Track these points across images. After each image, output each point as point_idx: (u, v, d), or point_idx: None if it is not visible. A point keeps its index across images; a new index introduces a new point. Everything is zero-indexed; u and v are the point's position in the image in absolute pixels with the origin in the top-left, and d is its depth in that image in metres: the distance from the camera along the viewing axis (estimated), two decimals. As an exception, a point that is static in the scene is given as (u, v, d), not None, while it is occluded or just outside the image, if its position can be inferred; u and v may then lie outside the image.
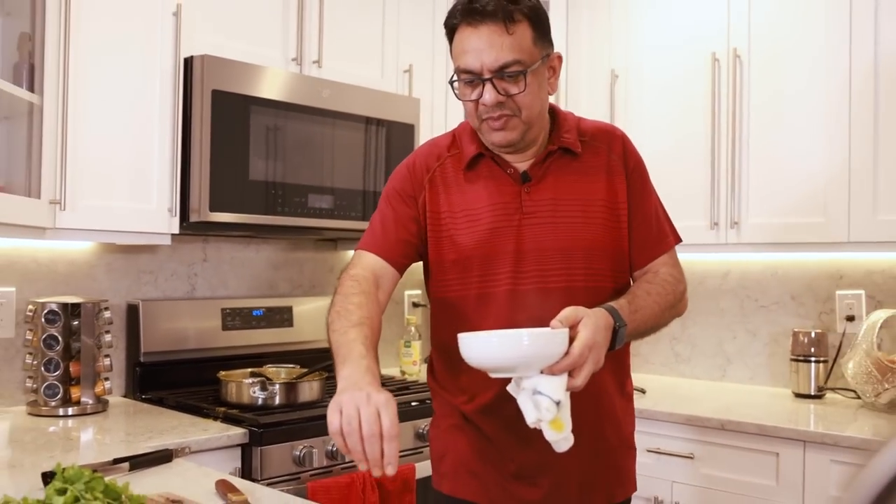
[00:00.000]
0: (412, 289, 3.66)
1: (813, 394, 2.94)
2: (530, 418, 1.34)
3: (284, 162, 2.73)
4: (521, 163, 1.69)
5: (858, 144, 2.72)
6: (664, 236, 1.77)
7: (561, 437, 1.34)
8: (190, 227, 2.62)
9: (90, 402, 2.50)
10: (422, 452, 2.65)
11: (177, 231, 2.57)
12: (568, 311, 1.40)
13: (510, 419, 1.51)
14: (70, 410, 2.46)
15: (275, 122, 2.71)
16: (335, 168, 2.87)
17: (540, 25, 1.59)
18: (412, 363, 3.36)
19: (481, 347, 1.37)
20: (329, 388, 2.76)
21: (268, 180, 2.69)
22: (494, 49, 1.53)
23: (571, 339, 1.36)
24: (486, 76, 1.54)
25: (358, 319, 1.54)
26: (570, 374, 1.35)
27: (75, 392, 2.47)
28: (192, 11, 2.61)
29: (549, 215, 1.65)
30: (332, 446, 2.40)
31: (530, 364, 1.33)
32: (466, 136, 1.72)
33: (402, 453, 2.53)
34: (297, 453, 2.34)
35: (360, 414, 1.28)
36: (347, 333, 1.51)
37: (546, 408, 1.32)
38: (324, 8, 2.94)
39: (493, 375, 1.40)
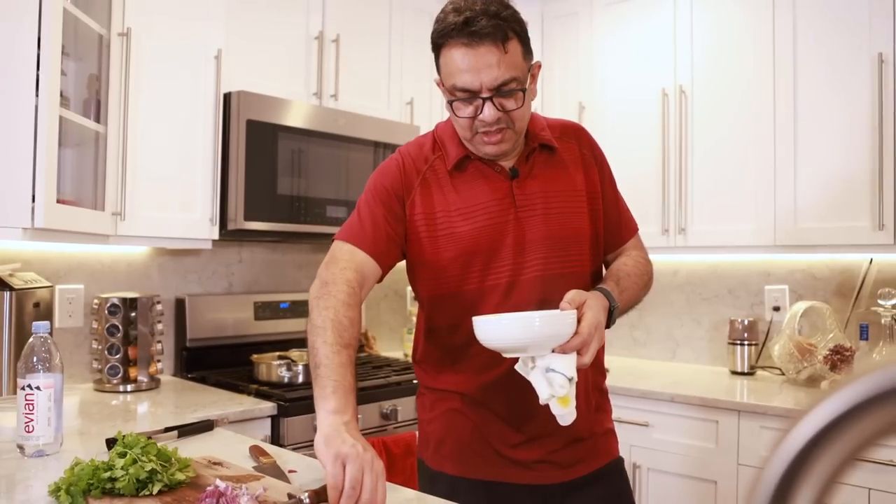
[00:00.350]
0: (413, 285, 3.66)
1: (746, 371, 2.96)
2: (543, 394, 1.24)
3: (307, 179, 2.74)
4: (506, 161, 1.52)
5: (782, 164, 2.74)
6: (630, 221, 1.67)
7: (566, 412, 1.25)
8: (228, 234, 2.63)
9: (145, 380, 2.51)
10: (421, 421, 2.66)
11: (217, 237, 2.58)
12: (573, 294, 1.30)
13: (513, 395, 1.46)
14: (129, 387, 2.47)
15: (298, 146, 2.72)
16: (349, 184, 2.88)
17: (525, 38, 1.42)
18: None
19: (497, 329, 1.27)
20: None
21: (293, 194, 2.70)
22: (493, 69, 1.35)
23: (579, 320, 1.27)
24: (486, 95, 1.37)
25: (349, 339, 1.33)
26: (579, 353, 1.26)
27: (133, 372, 2.48)
28: (231, 55, 2.62)
29: (541, 207, 1.50)
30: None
31: (543, 344, 1.24)
32: (448, 139, 1.52)
33: (404, 422, 2.57)
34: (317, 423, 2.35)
35: (364, 480, 1.13)
36: (340, 354, 1.30)
37: (560, 384, 1.23)
38: (340, 51, 2.95)
39: (506, 355, 1.30)
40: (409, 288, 3.65)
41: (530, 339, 1.23)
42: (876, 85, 2.56)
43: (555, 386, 1.23)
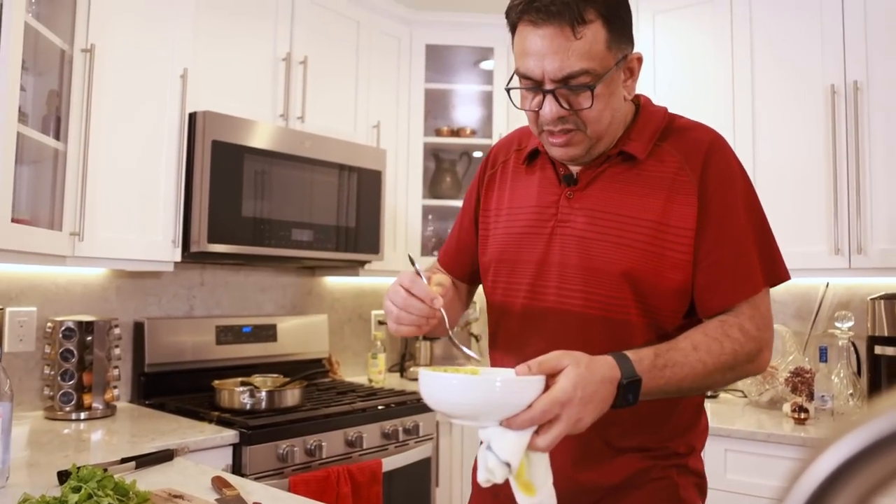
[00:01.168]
0: (378, 309, 3.61)
1: (709, 395, 2.95)
2: (479, 476, 0.98)
3: (272, 201, 2.68)
4: (579, 165, 1.26)
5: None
6: (748, 278, 1.18)
7: (533, 502, 0.97)
8: (190, 256, 2.54)
9: (100, 407, 2.39)
10: (387, 449, 2.59)
11: (179, 259, 2.49)
12: (551, 356, 1.00)
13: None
14: (82, 415, 2.35)
15: (264, 168, 2.65)
16: (314, 207, 2.82)
17: (616, 24, 1.14)
18: (378, 372, 3.30)
19: (433, 387, 1.00)
20: (308, 395, 2.70)
21: (257, 216, 2.63)
22: (559, 56, 1.11)
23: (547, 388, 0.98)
24: (548, 87, 1.14)
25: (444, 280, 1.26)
26: (537, 432, 0.96)
27: (87, 399, 2.36)
28: (197, 74, 2.55)
29: (583, 228, 1.21)
30: (311, 445, 2.34)
31: (485, 413, 0.97)
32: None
33: (369, 450, 2.50)
34: (281, 451, 2.27)
35: (391, 299, 1.15)
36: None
37: (490, 469, 0.96)
38: (307, 73, 2.91)
39: (454, 422, 1.07)
40: (374, 312, 3.60)
41: (467, 406, 0.97)
42: (829, 114, 2.60)
43: (489, 468, 0.96)
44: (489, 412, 0.96)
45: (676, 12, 2.98)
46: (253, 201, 2.61)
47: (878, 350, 2.42)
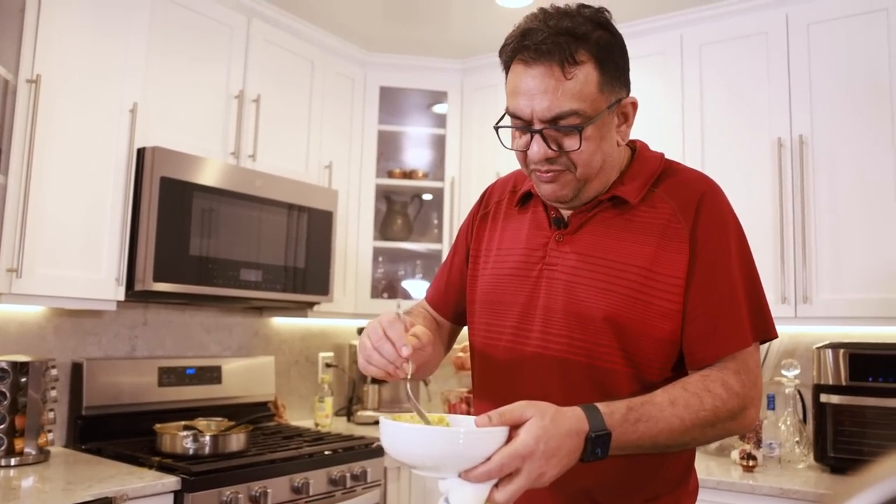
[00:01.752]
0: (326, 351, 3.54)
1: (658, 442, 2.95)
2: None
3: (220, 240, 2.61)
4: (570, 208, 1.24)
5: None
6: (736, 332, 1.14)
7: None
8: (134, 295, 2.45)
9: (33, 452, 2.26)
10: (334, 496, 2.51)
11: (122, 298, 2.40)
12: (515, 406, 0.96)
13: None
14: (13, 461, 2.21)
15: (213, 206, 2.60)
16: (263, 246, 2.76)
17: (609, 66, 1.13)
18: (325, 416, 3.22)
19: (394, 437, 0.98)
20: (254, 440, 2.61)
21: (205, 255, 2.56)
22: (548, 96, 1.09)
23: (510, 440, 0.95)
24: (537, 126, 1.12)
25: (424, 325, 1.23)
26: (497, 485, 0.94)
27: (19, 443, 2.24)
28: (147, 109, 2.49)
29: (570, 272, 1.18)
30: (257, 492, 2.25)
31: (445, 464, 0.94)
32: None
33: (316, 496, 2.42)
34: (225, 498, 2.17)
35: (368, 334, 1.10)
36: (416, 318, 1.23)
37: None
38: (260, 112, 2.87)
39: (414, 472, 1.01)
40: (321, 355, 3.53)
41: (427, 456, 0.95)
42: (776, 166, 2.68)
43: None
44: (449, 463, 0.94)
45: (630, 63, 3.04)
46: (201, 240, 2.55)
47: (824, 398, 2.46)
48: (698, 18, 2.90)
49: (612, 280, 1.16)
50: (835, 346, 2.47)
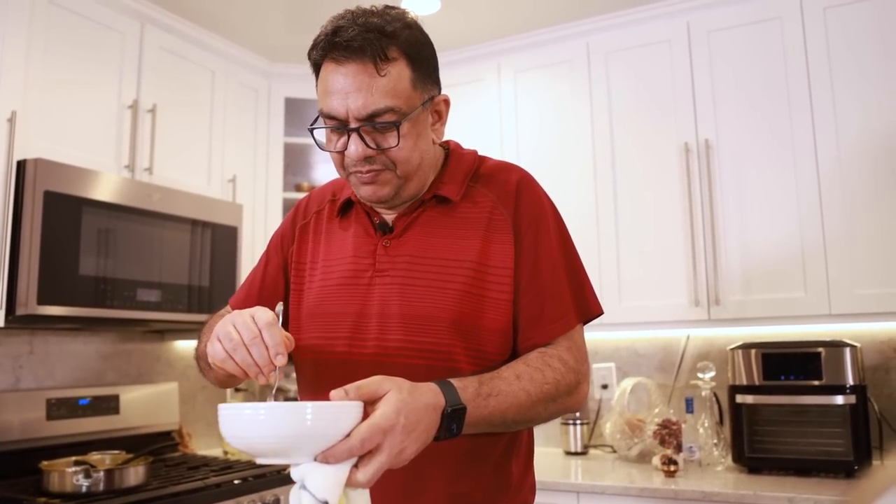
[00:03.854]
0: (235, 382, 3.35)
1: (579, 451, 2.91)
2: None
3: (115, 258, 2.42)
4: (392, 213, 1.23)
5: (606, 242, 2.80)
6: (562, 314, 1.17)
7: None
8: (16, 320, 2.23)
9: None
10: (245, 527, 2.35)
11: (2, 324, 2.18)
12: (370, 380, 0.91)
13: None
14: None
15: (106, 222, 2.41)
16: (163, 264, 2.58)
17: (421, 64, 1.14)
18: (234, 442, 3.04)
19: (234, 422, 0.87)
20: (155, 472, 2.41)
21: (98, 275, 2.37)
22: (362, 93, 1.08)
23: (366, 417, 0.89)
24: (353, 125, 1.10)
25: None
26: (356, 465, 0.87)
27: None
28: (28, 118, 2.29)
29: (402, 276, 1.17)
30: (158, 528, 2.07)
31: (297, 446, 0.84)
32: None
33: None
34: (122, 538, 1.99)
35: (236, 326, 0.99)
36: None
37: None
38: (156, 122, 2.70)
39: (259, 461, 0.90)
40: (230, 378, 3.34)
41: (274, 438, 0.84)
42: (684, 171, 2.69)
43: None
44: (301, 445, 0.84)
45: (537, 71, 3.03)
46: (93, 258, 2.35)
47: (739, 399, 2.47)
48: (603, 27, 2.91)
49: (445, 278, 1.16)
50: (747, 347, 2.49)
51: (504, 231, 1.19)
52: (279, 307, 1.05)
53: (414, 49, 1.13)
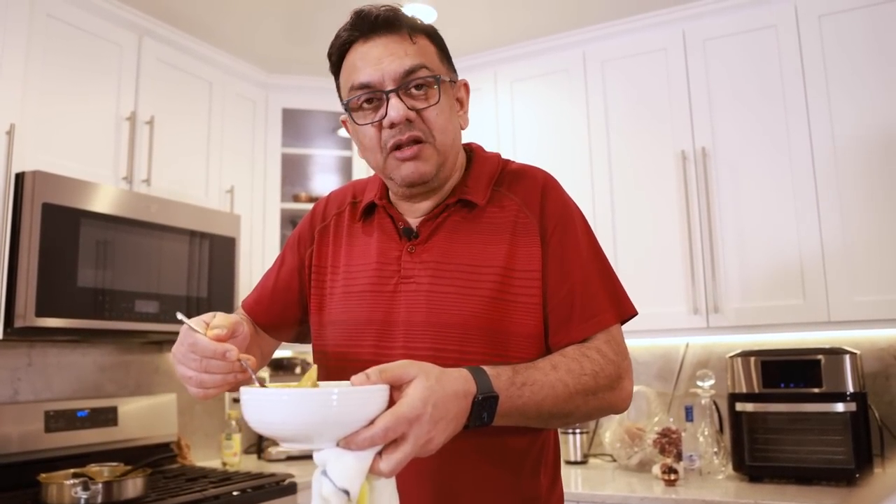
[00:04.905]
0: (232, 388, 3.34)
1: (579, 460, 2.90)
2: None
3: (113, 270, 2.42)
4: (417, 217, 1.20)
5: (606, 252, 2.79)
6: (597, 311, 1.13)
7: None
8: (15, 333, 2.22)
9: None
10: (244, 539, 2.34)
11: (0, 337, 2.18)
12: (395, 364, 0.88)
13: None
14: None
15: (104, 234, 2.41)
16: (162, 276, 2.58)
17: (442, 48, 1.19)
18: (233, 455, 3.03)
19: (257, 406, 0.85)
20: (153, 484, 2.41)
21: (97, 287, 2.37)
22: (397, 56, 1.09)
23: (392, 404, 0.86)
24: (390, 87, 1.09)
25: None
26: (380, 454, 0.83)
27: None
28: (26, 131, 2.29)
29: (428, 282, 1.13)
30: (156, 540, 2.06)
31: (320, 432, 0.82)
32: (372, 182, 1.28)
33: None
34: (120, 550, 1.98)
35: (183, 362, 0.98)
36: None
37: (325, 497, 0.81)
38: (154, 134, 2.70)
39: (283, 446, 0.88)
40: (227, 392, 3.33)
41: (297, 423, 0.82)
42: (682, 178, 2.70)
43: (323, 496, 0.82)
44: (324, 431, 0.82)
45: (534, 80, 3.05)
46: (91, 270, 2.35)
47: (739, 407, 2.46)
48: (600, 36, 2.92)
49: (472, 284, 1.12)
50: (746, 355, 2.48)
51: (530, 234, 1.16)
52: (184, 318, 1.00)
53: (435, 34, 1.18)
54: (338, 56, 1.16)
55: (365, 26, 1.12)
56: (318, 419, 0.81)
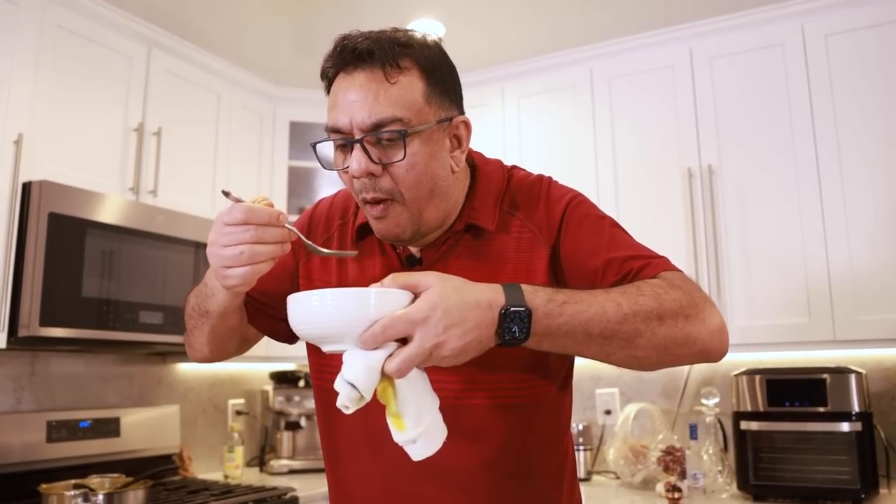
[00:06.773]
0: (236, 398, 3.34)
1: (583, 477, 2.87)
2: (338, 401, 0.86)
3: (118, 280, 2.42)
4: (416, 244, 1.13)
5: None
6: (639, 255, 1.07)
7: (405, 438, 0.87)
8: (18, 342, 2.21)
9: None
10: (244, 552, 2.32)
11: (4, 345, 2.18)
12: (416, 273, 0.88)
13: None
14: None
15: (110, 244, 2.41)
16: (166, 287, 2.58)
17: (437, 80, 1.04)
18: (235, 467, 3.01)
19: (298, 307, 0.89)
20: (154, 496, 2.39)
21: (101, 297, 2.36)
22: (368, 101, 0.99)
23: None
24: (357, 136, 1.00)
25: None
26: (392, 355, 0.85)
27: None
28: (34, 141, 2.30)
29: None
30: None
31: (342, 332, 0.85)
32: None
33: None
34: (120, 563, 1.97)
35: (223, 221, 0.95)
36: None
37: (336, 388, 0.86)
38: (161, 145, 2.71)
39: (325, 349, 0.90)
40: (231, 402, 3.32)
41: (324, 323, 0.86)
42: (687, 196, 2.69)
43: (341, 395, 0.86)
44: (344, 330, 0.85)
45: (541, 96, 3.05)
46: (96, 280, 2.35)
47: (744, 425, 2.44)
48: (607, 53, 2.93)
49: None
50: (751, 373, 2.47)
51: (537, 246, 1.10)
52: (233, 193, 0.98)
53: (430, 63, 1.04)
54: (326, 84, 1.08)
55: (344, 58, 1.02)
56: (334, 318, 0.85)
